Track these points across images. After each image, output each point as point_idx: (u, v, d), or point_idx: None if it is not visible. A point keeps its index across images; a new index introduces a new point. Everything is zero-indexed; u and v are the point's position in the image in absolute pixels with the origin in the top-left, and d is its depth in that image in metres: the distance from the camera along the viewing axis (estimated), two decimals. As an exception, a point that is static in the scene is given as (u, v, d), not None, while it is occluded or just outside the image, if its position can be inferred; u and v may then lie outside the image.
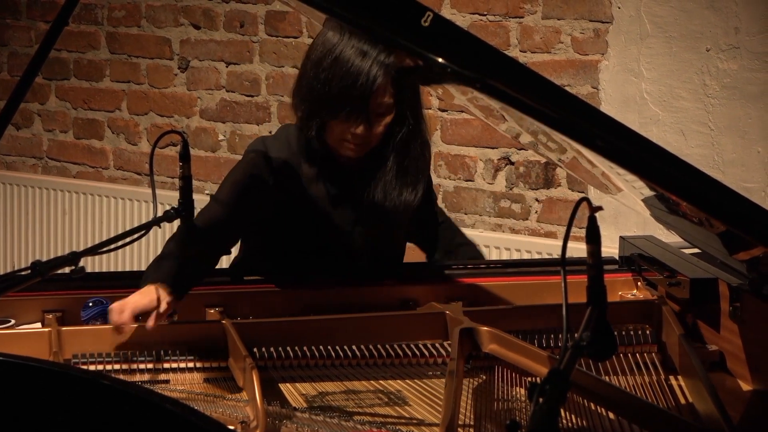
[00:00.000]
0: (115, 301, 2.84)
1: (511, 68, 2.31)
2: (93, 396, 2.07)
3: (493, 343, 2.73)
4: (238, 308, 3.01)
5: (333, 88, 2.93)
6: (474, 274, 3.22)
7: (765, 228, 2.29)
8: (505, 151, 4.83)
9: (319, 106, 2.97)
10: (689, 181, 2.27)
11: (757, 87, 4.28)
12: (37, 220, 5.91)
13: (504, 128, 3.11)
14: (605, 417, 2.47)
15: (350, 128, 2.97)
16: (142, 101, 5.76)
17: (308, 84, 2.99)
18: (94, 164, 5.94)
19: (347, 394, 2.67)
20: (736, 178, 4.28)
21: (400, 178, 3.10)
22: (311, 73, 2.98)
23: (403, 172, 3.10)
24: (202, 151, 5.55)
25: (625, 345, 2.81)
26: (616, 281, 3.15)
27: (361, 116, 2.95)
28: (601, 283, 1.94)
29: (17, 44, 6.13)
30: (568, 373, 1.77)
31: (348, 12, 2.30)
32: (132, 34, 5.76)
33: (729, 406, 2.43)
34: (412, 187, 3.12)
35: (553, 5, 4.66)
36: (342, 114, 2.95)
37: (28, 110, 6.08)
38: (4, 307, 2.91)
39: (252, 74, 5.43)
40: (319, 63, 2.95)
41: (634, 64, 4.51)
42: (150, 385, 2.68)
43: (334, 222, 3.10)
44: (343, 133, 2.99)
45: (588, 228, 1.95)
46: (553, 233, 4.76)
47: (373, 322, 2.89)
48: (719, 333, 2.81)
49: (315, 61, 2.96)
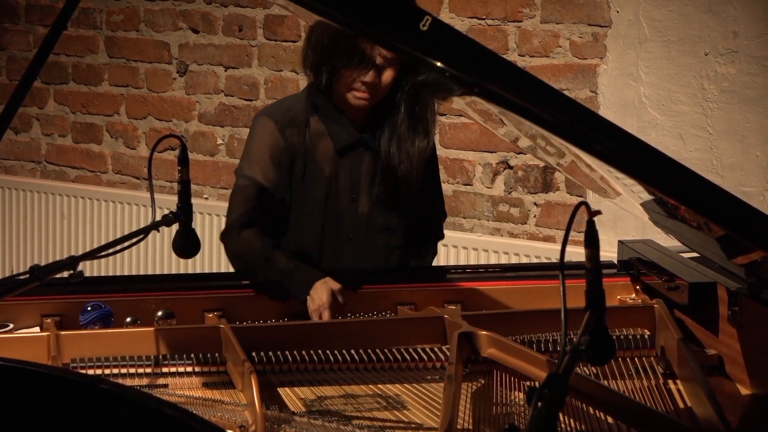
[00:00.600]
0: (112, 306, 2.85)
1: (510, 72, 2.31)
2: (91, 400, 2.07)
3: (492, 347, 2.73)
4: (236, 312, 3.01)
5: (344, 36, 3.06)
6: (472, 278, 3.22)
7: (763, 232, 2.28)
8: (503, 155, 4.83)
9: (331, 54, 3.11)
10: (688, 185, 2.27)
11: (756, 91, 4.28)
12: (36, 225, 5.90)
13: (503, 132, 3.11)
14: (604, 421, 2.47)
15: (360, 76, 3.11)
16: (141, 105, 5.76)
17: (320, 35, 3.13)
18: (92, 168, 5.93)
19: (346, 398, 2.67)
20: (735, 182, 4.28)
21: (412, 126, 3.20)
22: (323, 25, 3.09)
23: (415, 120, 3.20)
24: (200, 156, 5.55)
25: (623, 349, 2.81)
26: (615, 285, 3.15)
27: (370, 62, 3.10)
28: (600, 287, 1.94)
29: (16, 48, 6.13)
30: (566, 377, 1.77)
31: (347, 16, 2.30)
32: (130, 39, 5.76)
33: (728, 410, 2.42)
34: (423, 135, 3.21)
35: (552, 9, 4.67)
36: (353, 61, 3.09)
37: (26, 114, 6.08)
38: (3, 312, 2.91)
39: (250, 78, 5.43)
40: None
41: (632, 68, 4.51)
42: (149, 390, 2.67)
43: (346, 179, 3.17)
44: (353, 82, 3.12)
45: (587, 232, 1.95)
46: (551, 237, 4.76)
47: (372, 326, 2.89)
48: (718, 337, 2.81)
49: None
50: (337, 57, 3.11)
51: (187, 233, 2.85)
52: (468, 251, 4.79)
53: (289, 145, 3.17)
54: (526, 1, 4.72)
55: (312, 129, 3.19)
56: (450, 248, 4.80)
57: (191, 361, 2.76)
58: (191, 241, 2.86)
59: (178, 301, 3.01)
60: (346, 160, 3.20)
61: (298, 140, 3.17)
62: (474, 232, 4.90)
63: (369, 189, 3.22)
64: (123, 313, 2.95)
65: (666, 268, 3.01)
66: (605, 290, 1.94)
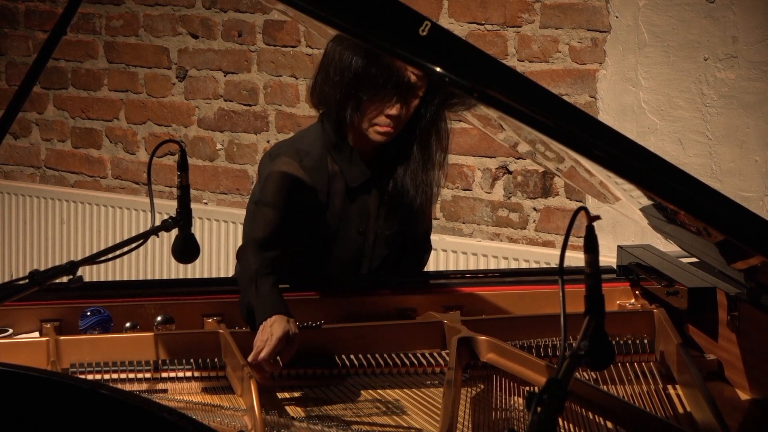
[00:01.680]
0: (113, 310, 2.85)
1: (509, 77, 2.32)
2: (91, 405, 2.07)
3: (491, 352, 2.73)
4: (236, 317, 3.01)
5: (370, 68, 2.96)
6: (472, 284, 3.22)
7: (763, 237, 2.29)
8: (503, 161, 4.83)
9: (356, 87, 2.99)
10: (687, 190, 2.27)
11: (755, 96, 4.28)
12: (35, 230, 5.90)
13: (502, 137, 3.12)
14: (603, 426, 2.47)
15: (385, 109, 2.99)
16: (140, 110, 5.76)
17: (341, 68, 3.00)
18: (92, 173, 5.93)
19: (345, 403, 2.67)
20: (734, 188, 4.28)
21: (427, 159, 3.11)
22: (344, 57, 2.99)
23: (429, 153, 3.11)
24: (200, 161, 5.55)
25: (623, 354, 2.81)
26: (614, 290, 3.15)
27: (398, 94, 2.98)
28: (599, 292, 1.95)
29: (15, 53, 6.13)
30: (566, 382, 1.77)
31: (347, 21, 2.30)
32: (130, 44, 5.76)
33: (727, 415, 2.43)
34: (439, 167, 3.14)
35: (551, 14, 4.67)
36: (381, 93, 2.97)
37: (26, 120, 6.08)
38: (2, 317, 2.91)
39: (250, 83, 5.43)
40: (353, 48, 2.97)
41: (632, 73, 4.51)
42: (148, 395, 2.67)
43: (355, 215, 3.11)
44: (377, 115, 3.01)
45: (586, 237, 1.95)
46: (551, 242, 4.76)
47: (372, 332, 2.89)
48: (717, 342, 2.82)
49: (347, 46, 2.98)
50: (364, 90, 2.99)
51: (187, 238, 2.85)
52: (467, 256, 4.79)
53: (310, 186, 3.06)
54: (525, 6, 4.72)
55: (330, 169, 3.11)
56: (449, 253, 4.79)
57: (191, 366, 2.76)
58: (190, 246, 2.86)
59: (177, 306, 3.01)
60: (356, 196, 3.13)
61: (318, 182, 3.08)
62: (473, 237, 4.90)
63: (376, 222, 3.15)
64: (122, 318, 2.94)
65: (665, 273, 3.01)
66: (605, 295, 1.95)
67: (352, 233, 3.12)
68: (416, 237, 3.25)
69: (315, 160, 3.08)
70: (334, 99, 3.04)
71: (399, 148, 3.10)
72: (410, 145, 3.10)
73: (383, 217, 3.14)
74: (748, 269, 2.68)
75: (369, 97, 2.98)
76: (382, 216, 3.14)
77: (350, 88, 2.99)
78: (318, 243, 3.12)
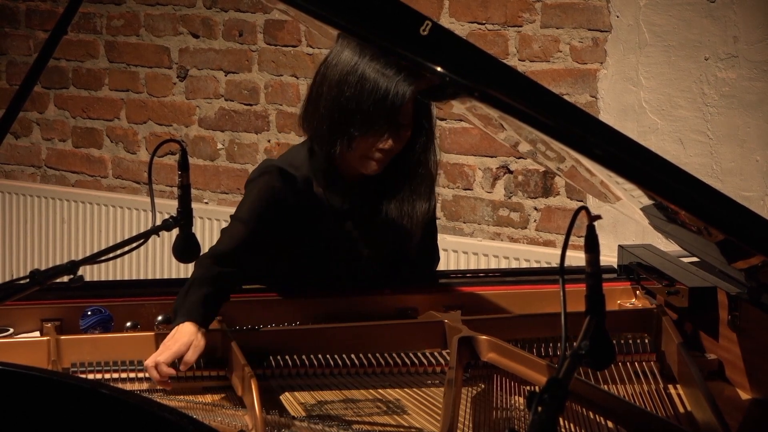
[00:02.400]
0: (113, 310, 2.85)
1: (510, 77, 2.32)
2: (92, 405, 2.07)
3: (492, 351, 2.73)
4: (236, 317, 3.01)
5: (362, 104, 2.89)
6: (473, 283, 3.22)
7: (763, 237, 2.29)
8: (503, 160, 4.83)
9: (347, 123, 2.92)
10: (688, 190, 2.27)
11: (756, 96, 4.28)
12: (36, 229, 5.90)
13: (503, 137, 3.11)
14: (604, 426, 2.47)
15: (377, 143, 2.94)
16: (141, 110, 5.76)
17: (331, 102, 2.94)
18: (92, 173, 5.94)
19: (346, 403, 2.67)
20: (735, 187, 4.28)
21: (415, 188, 3.08)
22: (334, 92, 2.92)
23: (418, 182, 3.08)
24: (200, 160, 5.55)
25: (623, 354, 2.81)
26: (615, 290, 3.15)
27: (390, 130, 2.93)
28: (600, 292, 1.95)
29: (16, 53, 6.14)
30: (566, 381, 1.77)
31: (347, 21, 2.30)
32: (131, 43, 5.76)
33: (727, 415, 2.43)
34: (426, 197, 3.09)
35: (552, 14, 4.67)
36: (373, 129, 2.92)
37: (26, 119, 6.08)
38: (3, 316, 2.91)
39: (251, 83, 5.43)
40: (343, 81, 2.91)
41: (632, 73, 4.51)
42: (149, 394, 2.68)
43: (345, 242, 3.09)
44: (369, 149, 2.96)
45: (587, 237, 1.95)
46: (551, 242, 4.76)
47: (372, 331, 2.89)
48: (718, 342, 2.82)
49: (337, 80, 2.91)
50: (355, 126, 2.92)
51: (187, 238, 2.85)
52: (468, 256, 4.79)
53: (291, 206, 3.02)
54: (526, 5, 4.72)
55: (315, 191, 3.07)
56: (450, 253, 4.79)
57: (191, 365, 2.76)
58: (191, 245, 2.86)
59: (178, 306, 3.01)
60: (343, 220, 3.11)
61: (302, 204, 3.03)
62: (474, 237, 4.90)
63: (362, 250, 3.13)
64: (123, 318, 2.94)
65: (666, 273, 3.01)
66: (605, 295, 1.95)
67: (338, 256, 3.10)
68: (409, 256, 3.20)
69: (301, 182, 3.04)
70: (325, 133, 2.98)
71: (386, 173, 3.05)
72: (397, 171, 3.06)
73: (370, 242, 3.11)
74: (749, 269, 2.68)
75: (361, 133, 2.93)
76: (369, 241, 3.11)
77: (341, 124, 2.93)
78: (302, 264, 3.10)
